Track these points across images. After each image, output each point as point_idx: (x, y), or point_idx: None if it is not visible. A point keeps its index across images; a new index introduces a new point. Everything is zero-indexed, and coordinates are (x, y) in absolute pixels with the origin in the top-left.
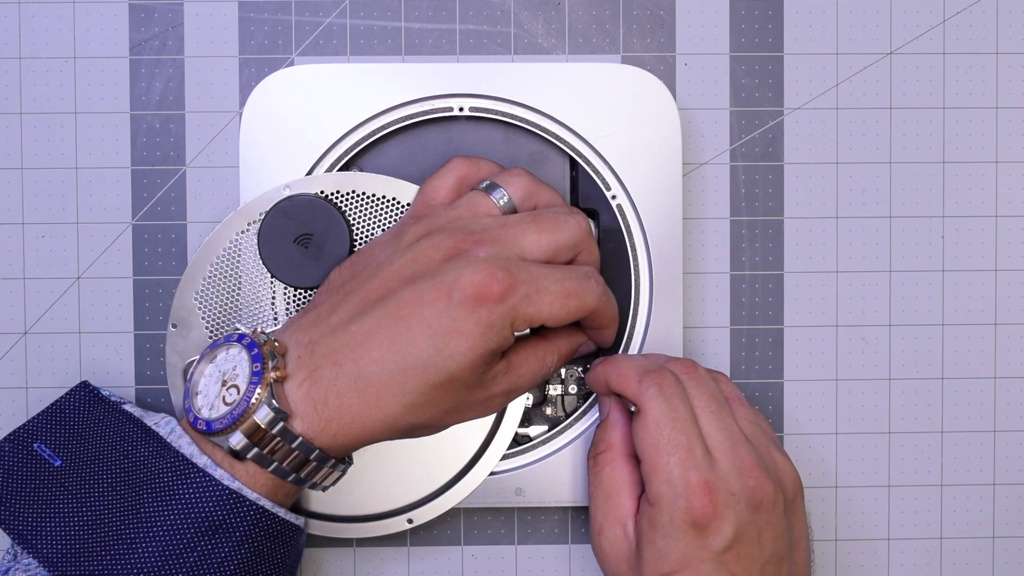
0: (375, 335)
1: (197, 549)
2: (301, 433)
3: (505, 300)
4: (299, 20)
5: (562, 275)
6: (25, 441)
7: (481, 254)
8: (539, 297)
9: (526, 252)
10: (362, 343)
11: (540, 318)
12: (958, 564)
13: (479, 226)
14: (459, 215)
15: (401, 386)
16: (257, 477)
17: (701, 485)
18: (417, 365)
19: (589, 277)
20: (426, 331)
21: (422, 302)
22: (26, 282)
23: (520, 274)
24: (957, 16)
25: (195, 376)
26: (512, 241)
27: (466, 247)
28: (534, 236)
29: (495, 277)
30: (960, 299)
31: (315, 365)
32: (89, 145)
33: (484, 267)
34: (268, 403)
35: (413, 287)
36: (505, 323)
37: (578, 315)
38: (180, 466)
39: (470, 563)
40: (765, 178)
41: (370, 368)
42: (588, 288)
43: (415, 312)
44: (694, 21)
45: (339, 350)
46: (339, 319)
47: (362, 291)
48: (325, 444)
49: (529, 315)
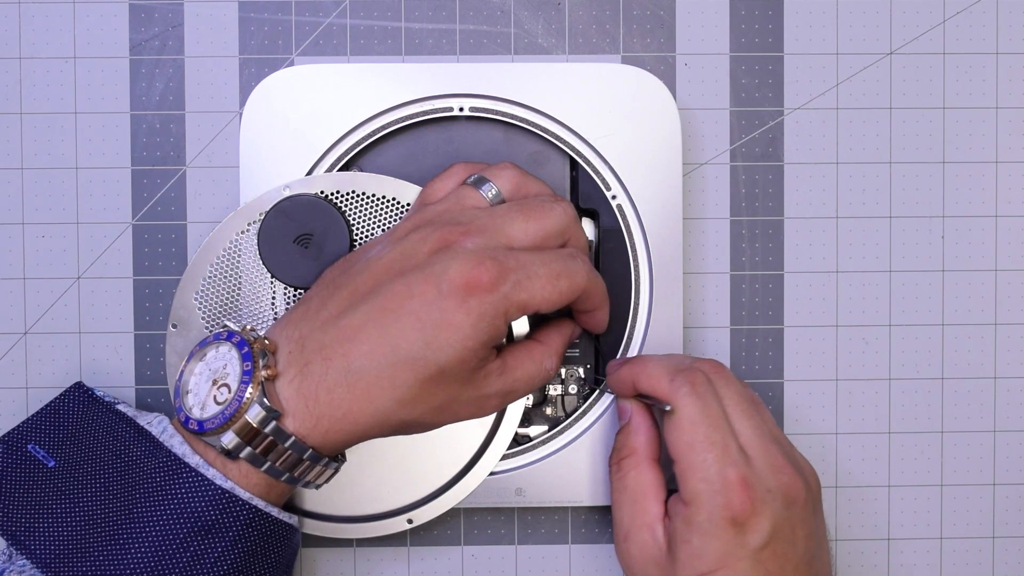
0: (364, 329)
1: (190, 549)
2: (293, 431)
3: (495, 289)
4: (299, 20)
5: (549, 258)
6: (19, 443)
7: (468, 245)
8: (529, 283)
9: (514, 241)
10: (351, 337)
11: (533, 304)
12: (958, 564)
13: (466, 218)
14: (447, 208)
15: (391, 380)
16: (250, 476)
17: (739, 482)
18: (407, 358)
19: (575, 257)
20: (415, 324)
21: (411, 294)
22: (26, 282)
23: (508, 262)
24: (957, 16)
25: (185, 375)
26: (499, 230)
27: (453, 239)
28: (521, 224)
29: (484, 266)
30: (960, 299)
31: (305, 360)
32: (89, 145)
33: (472, 257)
34: (260, 402)
35: (402, 280)
36: (497, 312)
37: (571, 295)
38: (172, 466)
39: (470, 563)
40: (765, 178)
41: (360, 362)
42: (576, 268)
43: (404, 305)
44: (694, 21)
45: (329, 345)
46: (329, 314)
47: (351, 285)
48: (317, 442)
49: (521, 301)
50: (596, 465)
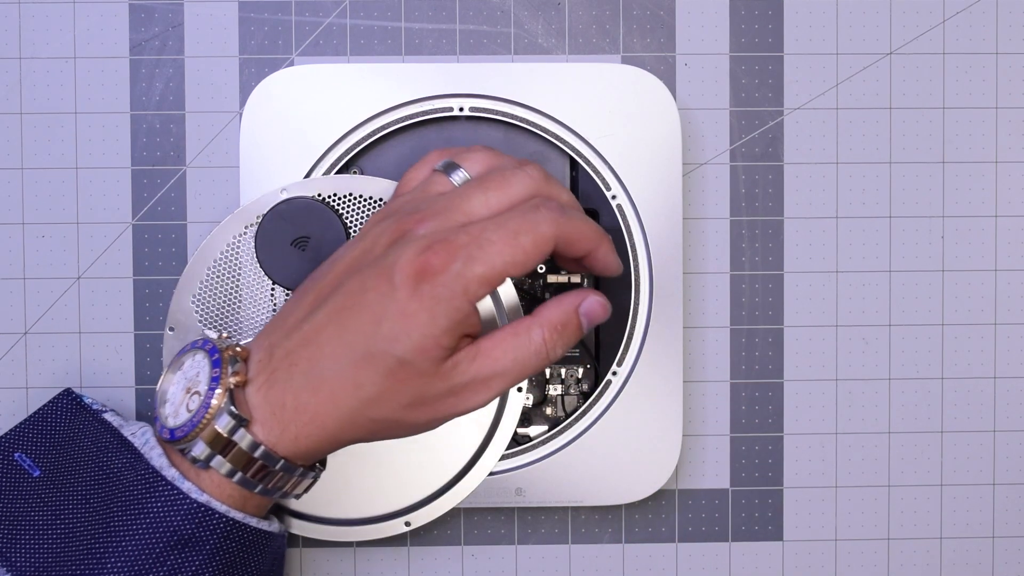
0: (325, 330)
1: (167, 564)
2: (263, 440)
3: (447, 268)
4: (299, 20)
5: (505, 218)
6: (7, 451)
7: (421, 231)
8: (484, 252)
9: (474, 216)
10: (314, 340)
11: (495, 272)
12: (958, 564)
13: (425, 204)
14: (412, 198)
15: (354, 379)
16: (224, 488)
17: None
18: (367, 355)
19: (537, 207)
20: (371, 319)
21: (366, 289)
22: (26, 282)
23: (458, 238)
24: (957, 16)
25: (163, 384)
26: (457, 210)
27: (408, 227)
28: (480, 198)
29: (431, 250)
30: (960, 299)
31: (273, 368)
32: (89, 145)
33: (422, 242)
34: (227, 409)
35: (358, 276)
36: (453, 294)
37: (541, 249)
38: (150, 478)
39: (470, 563)
40: (765, 178)
41: (323, 364)
42: (539, 218)
43: (360, 301)
44: (694, 21)
45: (294, 350)
46: (295, 319)
47: (316, 288)
48: (288, 450)
49: (480, 275)
50: (596, 465)
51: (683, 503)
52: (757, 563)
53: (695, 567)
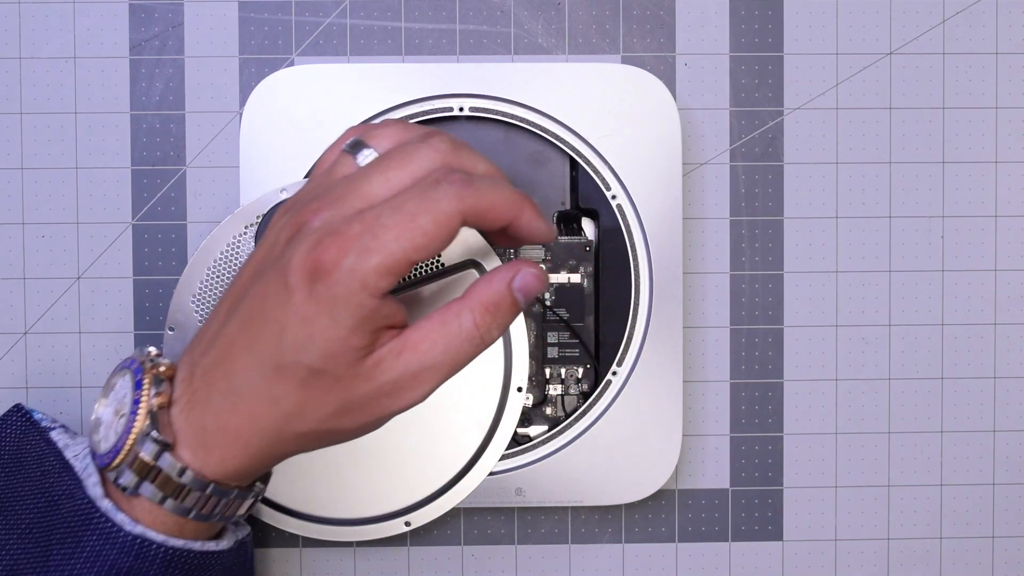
0: (236, 344)
1: None
2: (189, 463)
3: (339, 264)
4: (299, 20)
5: (402, 200)
6: None
7: (316, 223)
8: (379, 241)
9: (374, 200)
10: (227, 355)
11: (394, 260)
12: (958, 564)
13: (324, 190)
14: (315, 184)
15: (269, 394)
16: (157, 516)
17: None
18: (277, 367)
19: (438, 182)
20: (275, 328)
21: (267, 295)
22: (26, 282)
23: (351, 228)
24: (957, 16)
25: (97, 407)
26: (354, 195)
27: (304, 219)
28: (379, 179)
29: (322, 245)
30: (960, 299)
31: (195, 387)
32: (89, 145)
33: (312, 238)
34: (149, 433)
35: (260, 281)
36: (350, 291)
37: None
38: (86, 509)
39: (470, 563)
40: (765, 178)
41: (238, 380)
42: (438, 195)
43: (263, 308)
44: (694, 21)
45: (211, 368)
46: (212, 332)
47: (230, 295)
48: (216, 473)
49: (377, 266)
50: (596, 465)
51: (683, 503)
52: (757, 563)
53: (695, 567)
